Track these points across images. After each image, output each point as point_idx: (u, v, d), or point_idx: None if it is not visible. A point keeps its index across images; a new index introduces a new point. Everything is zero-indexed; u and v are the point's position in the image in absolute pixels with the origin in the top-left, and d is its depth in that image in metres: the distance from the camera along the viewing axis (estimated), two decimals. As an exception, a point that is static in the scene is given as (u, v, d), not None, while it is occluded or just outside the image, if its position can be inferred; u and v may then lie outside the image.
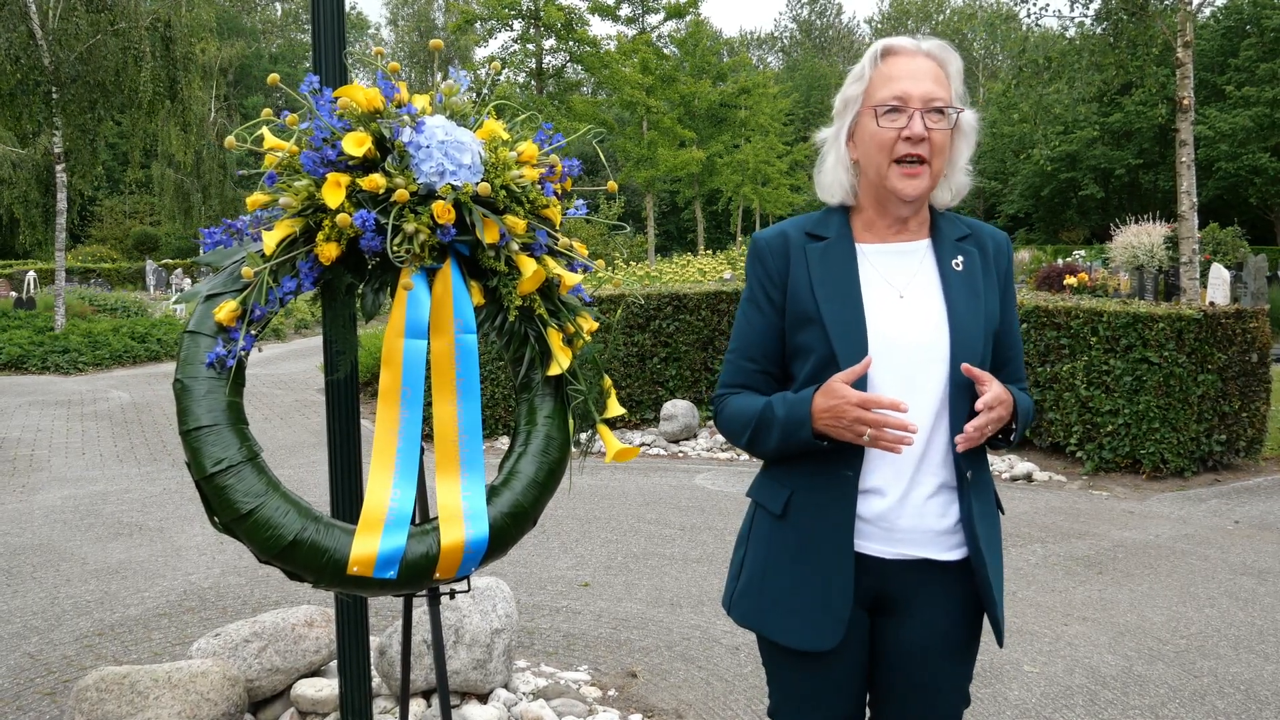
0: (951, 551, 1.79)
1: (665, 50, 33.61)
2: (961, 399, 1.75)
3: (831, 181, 1.84)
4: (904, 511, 1.76)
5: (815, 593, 1.76)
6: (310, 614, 3.50)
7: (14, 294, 21.21)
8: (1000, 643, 1.86)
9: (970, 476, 1.78)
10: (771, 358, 1.86)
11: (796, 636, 1.78)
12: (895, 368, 1.74)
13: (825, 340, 1.74)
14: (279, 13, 60.93)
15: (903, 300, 1.78)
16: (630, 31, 36.84)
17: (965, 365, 1.69)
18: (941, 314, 1.77)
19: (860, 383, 1.71)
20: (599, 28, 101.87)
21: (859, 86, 1.79)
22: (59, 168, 16.31)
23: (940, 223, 1.86)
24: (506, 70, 39.39)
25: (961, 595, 1.82)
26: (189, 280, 29.21)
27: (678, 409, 8.54)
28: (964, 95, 1.79)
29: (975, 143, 1.84)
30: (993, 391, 1.68)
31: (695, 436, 8.64)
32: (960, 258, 1.82)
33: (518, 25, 38.44)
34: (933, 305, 1.78)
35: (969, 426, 1.67)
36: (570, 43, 36.75)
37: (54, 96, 15.71)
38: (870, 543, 1.78)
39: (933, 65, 1.76)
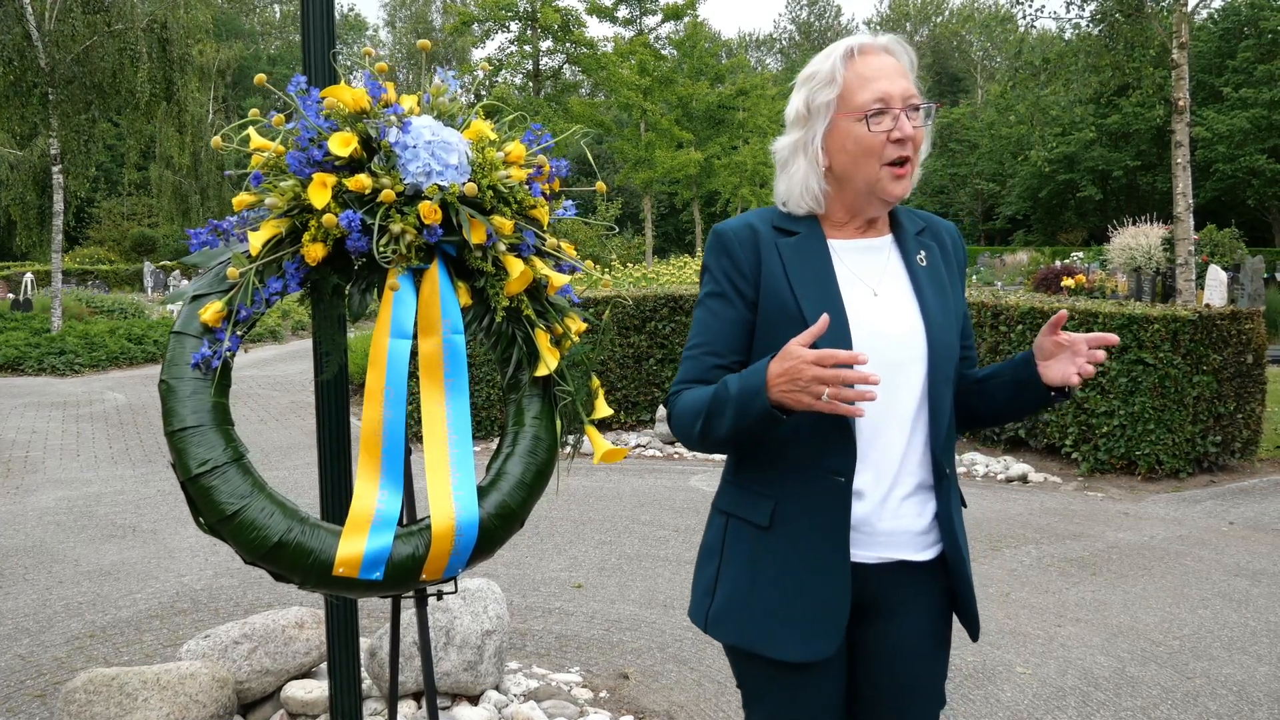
0: (926, 551, 1.78)
1: (663, 52, 33.60)
2: (941, 393, 1.75)
3: (802, 192, 1.77)
4: (884, 514, 1.74)
5: (811, 601, 1.71)
6: (301, 615, 3.50)
7: (11, 295, 21.21)
8: (975, 637, 1.85)
9: (948, 472, 1.78)
10: (739, 352, 1.77)
11: (794, 648, 1.71)
12: (876, 366, 1.71)
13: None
14: (277, 14, 60.92)
15: (877, 298, 1.76)
16: (628, 33, 36.87)
17: (1061, 313, 1.68)
18: (915, 311, 1.76)
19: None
20: (596, 29, 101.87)
21: (831, 91, 1.71)
22: (56, 169, 16.30)
23: (900, 218, 1.85)
24: (504, 72, 39.41)
25: (935, 594, 1.82)
26: (186, 282, 29.17)
27: (674, 410, 8.54)
28: (921, 90, 1.79)
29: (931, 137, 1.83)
30: (1101, 335, 1.69)
31: (691, 438, 8.63)
32: (923, 253, 1.81)
33: (515, 27, 38.49)
34: (906, 302, 1.77)
35: (1086, 371, 1.68)
36: (567, 44, 36.79)
37: (50, 98, 15.70)
38: (854, 549, 1.74)
39: (896, 62, 1.73)
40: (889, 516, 1.74)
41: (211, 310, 1.81)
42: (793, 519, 1.72)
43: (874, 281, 1.78)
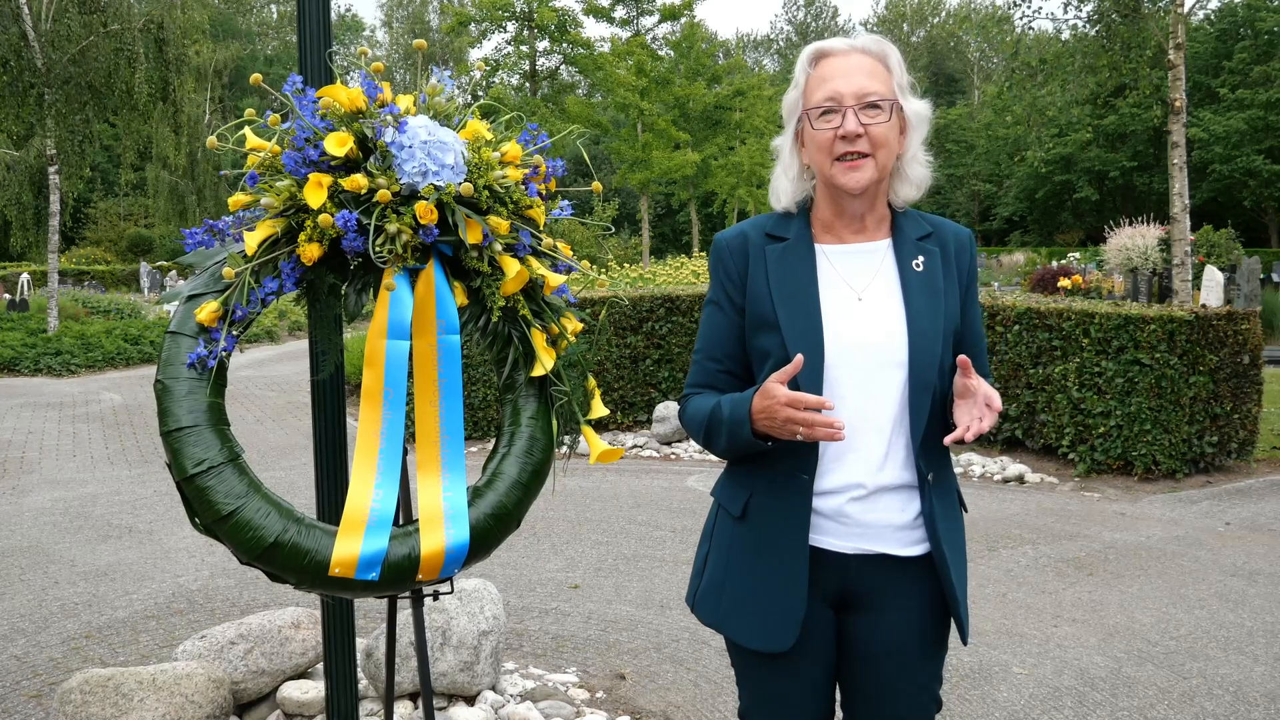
0: (912, 547, 1.80)
1: (660, 52, 33.58)
2: (921, 400, 1.75)
3: (779, 188, 1.88)
4: (864, 506, 1.78)
5: (773, 594, 1.79)
6: (297, 616, 3.49)
7: (7, 296, 21.18)
8: (964, 640, 1.87)
9: (931, 478, 1.79)
10: (734, 357, 1.88)
11: (755, 638, 1.81)
12: (853, 371, 1.75)
13: (782, 345, 1.76)
14: (274, 15, 60.87)
15: (861, 303, 1.79)
16: (625, 33, 36.84)
17: (963, 357, 1.67)
18: (900, 316, 1.78)
19: (815, 385, 1.72)
20: (593, 29, 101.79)
21: (796, 93, 1.82)
22: (52, 170, 16.27)
23: (901, 222, 1.86)
24: (501, 72, 39.40)
25: (927, 592, 1.82)
26: (182, 282, 29.10)
27: (670, 411, 8.54)
28: (910, 86, 1.80)
29: (926, 132, 1.84)
30: (994, 394, 1.67)
31: (687, 438, 8.63)
32: (921, 257, 1.82)
33: (511, 27, 38.45)
34: (891, 307, 1.79)
35: (970, 433, 1.64)
36: (564, 45, 36.76)
37: (46, 98, 15.68)
38: (827, 537, 1.79)
39: (868, 61, 1.77)
40: (870, 510, 1.78)
41: (207, 310, 1.81)
42: (760, 512, 1.82)
43: (861, 286, 1.81)
